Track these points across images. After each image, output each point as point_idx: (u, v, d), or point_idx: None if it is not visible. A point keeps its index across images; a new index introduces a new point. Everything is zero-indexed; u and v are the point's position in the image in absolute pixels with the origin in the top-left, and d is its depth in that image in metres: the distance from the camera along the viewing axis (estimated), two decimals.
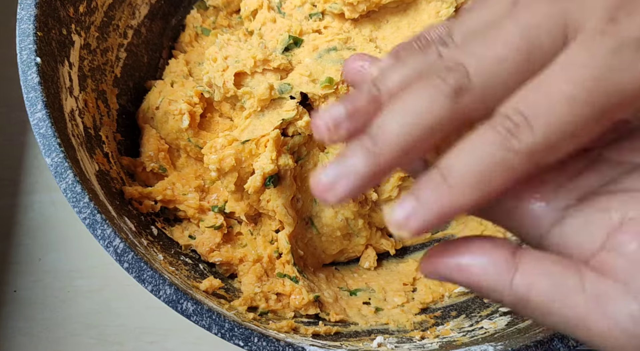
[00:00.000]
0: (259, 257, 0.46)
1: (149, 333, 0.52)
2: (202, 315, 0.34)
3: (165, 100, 0.50)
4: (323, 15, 0.50)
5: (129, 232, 0.39)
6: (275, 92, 0.45)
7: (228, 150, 0.44)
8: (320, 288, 0.47)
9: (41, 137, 0.36)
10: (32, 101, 0.37)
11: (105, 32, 0.48)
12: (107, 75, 0.49)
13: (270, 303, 0.44)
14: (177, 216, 0.49)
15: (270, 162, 0.43)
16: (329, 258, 0.51)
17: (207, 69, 0.47)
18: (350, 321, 0.46)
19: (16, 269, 0.55)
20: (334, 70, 0.45)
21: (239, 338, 0.34)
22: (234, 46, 0.47)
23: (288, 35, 0.48)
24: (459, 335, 0.42)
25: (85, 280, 0.54)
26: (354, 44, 0.48)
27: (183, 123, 0.48)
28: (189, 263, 0.45)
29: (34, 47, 0.38)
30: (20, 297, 0.54)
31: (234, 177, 0.44)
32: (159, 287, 0.35)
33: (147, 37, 0.55)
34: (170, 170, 0.50)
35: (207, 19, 0.58)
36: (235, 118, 0.50)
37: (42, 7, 0.40)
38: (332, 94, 0.45)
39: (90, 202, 0.35)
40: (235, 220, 0.50)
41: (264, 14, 0.50)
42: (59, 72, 0.41)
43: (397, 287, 0.49)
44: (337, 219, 0.48)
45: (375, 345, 0.41)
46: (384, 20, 0.49)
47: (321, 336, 0.42)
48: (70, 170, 0.36)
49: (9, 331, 0.52)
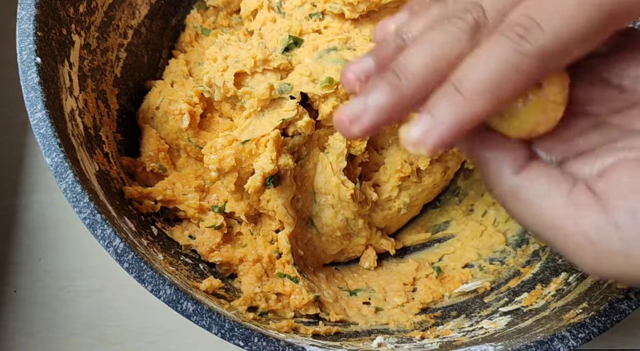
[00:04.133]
0: (259, 257, 0.46)
1: (149, 333, 0.52)
2: (202, 315, 0.34)
3: (165, 100, 0.50)
4: (323, 15, 0.50)
5: (129, 232, 0.39)
6: (275, 92, 0.45)
7: (228, 150, 0.44)
8: (320, 288, 0.47)
9: (41, 137, 0.36)
10: (32, 101, 0.37)
11: (105, 32, 0.48)
12: (107, 75, 0.49)
13: (270, 303, 0.44)
14: (177, 216, 0.49)
15: (270, 162, 0.43)
16: (329, 258, 0.51)
17: (207, 69, 0.47)
18: (350, 321, 0.46)
19: (16, 269, 0.55)
20: (334, 70, 0.45)
21: (239, 338, 0.34)
22: (234, 46, 0.47)
23: (288, 35, 0.48)
24: (459, 335, 0.42)
25: (85, 280, 0.54)
26: (354, 44, 0.48)
27: (183, 123, 0.48)
28: (189, 263, 0.45)
29: (34, 47, 0.38)
30: (20, 297, 0.54)
31: (234, 177, 0.44)
32: (159, 287, 0.35)
33: (147, 37, 0.55)
34: (170, 170, 0.50)
35: (207, 19, 0.58)
36: (235, 118, 0.50)
37: (42, 7, 0.40)
38: (332, 94, 0.45)
39: (90, 202, 0.35)
40: (235, 220, 0.49)
41: (264, 14, 0.50)
42: (59, 72, 0.41)
43: (397, 287, 0.49)
44: (337, 219, 0.48)
45: (375, 345, 0.41)
46: None
47: (321, 336, 0.42)
48: (70, 170, 0.36)
49: (9, 331, 0.52)
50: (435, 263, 0.51)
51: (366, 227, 0.50)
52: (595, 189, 0.24)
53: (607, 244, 0.23)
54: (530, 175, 0.25)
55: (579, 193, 0.24)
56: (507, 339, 0.37)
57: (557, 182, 0.25)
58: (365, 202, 0.48)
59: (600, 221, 0.23)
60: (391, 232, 0.54)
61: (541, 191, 0.25)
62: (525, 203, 0.25)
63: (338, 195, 0.46)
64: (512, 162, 0.25)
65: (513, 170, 0.25)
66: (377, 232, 0.51)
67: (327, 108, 0.45)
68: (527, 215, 0.25)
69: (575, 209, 0.24)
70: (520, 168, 0.25)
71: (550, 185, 0.25)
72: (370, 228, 0.50)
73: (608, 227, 0.23)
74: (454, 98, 0.23)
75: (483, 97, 0.23)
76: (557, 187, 0.25)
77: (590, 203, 0.24)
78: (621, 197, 0.23)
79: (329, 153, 0.47)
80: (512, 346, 0.35)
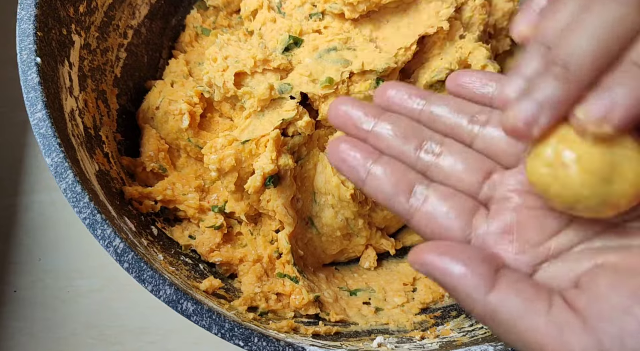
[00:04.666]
0: (259, 257, 0.46)
1: (149, 333, 0.52)
2: (202, 315, 0.34)
3: (165, 100, 0.50)
4: (323, 15, 0.50)
5: (129, 232, 0.39)
6: (275, 92, 0.45)
7: (228, 150, 0.44)
8: (320, 288, 0.47)
9: (41, 137, 0.36)
10: (32, 101, 0.37)
11: (105, 32, 0.48)
12: (107, 75, 0.49)
13: (270, 303, 0.44)
14: (177, 216, 0.49)
15: (270, 162, 0.43)
16: (329, 258, 0.51)
17: (207, 69, 0.47)
18: (350, 321, 0.46)
19: (16, 269, 0.55)
20: (334, 70, 0.45)
21: (239, 338, 0.34)
22: (234, 46, 0.47)
23: (288, 35, 0.48)
24: (459, 335, 0.42)
25: (85, 280, 0.54)
26: (354, 44, 0.48)
27: (183, 123, 0.48)
28: (189, 263, 0.45)
29: (34, 47, 0.38)
30: (20, 297, 0.54)
31: (234, 177, 0.44)
32: (159, 287, 0.35)
33: (147, 37, 0.55)
34: (170, 170, 0.50)
35: (207, 19, 0.58)
36: (235, 118, 0.50)
37: (42, 7, 0.40)
38: (332, 94, 0.45)
39: (90, 202, 0.35)
40: (235, 220, 0.49)
41: (264, 14, 0.50)
42: (59, 72, 0.41)
43: (397, 287, 0.49)
44: (337, 219, 0.48)
45: (375, 345, 0.41)
46: (384, 20, 0.49)
47: (321, 336, 0.42)
48: (70, 170, 0.36)
49: (9, 331, 0.52)
50: None
51: (366, 227, 0.50)
52: (575, 304, 0.23)
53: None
54: (502, 294, 0.24)
55: (559, 312, 0.23)
56: None
57: (533, 298, 0.23)
58: (365, 202, 0.48)
59: (588, 345, 0.22)
60: (391, 232, 0.54)
61: (518, 311, 0.23)
62: (506, 325, 0.24)
63: (338, 195, 0.46)
64: (478, 282, 0.24)
65: (483, 290, 0.24)
66: (377, 232, 0.51)
67: (327, 108, 0.45)
68: (509, 336, 0.24)
69: (558, 332, 0.22)
70: (490, 288, 0.24)
71: (526, 303, 0.23)
72: (370, 228, 0.50)
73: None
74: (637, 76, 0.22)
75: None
76: (533, 305, 0.23)
77: (574, 323, 0.22)
78: (606, 320, 0.22)
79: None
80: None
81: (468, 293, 0.24)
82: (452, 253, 0.25)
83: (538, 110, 0.23)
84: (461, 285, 0.24)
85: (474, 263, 0.24)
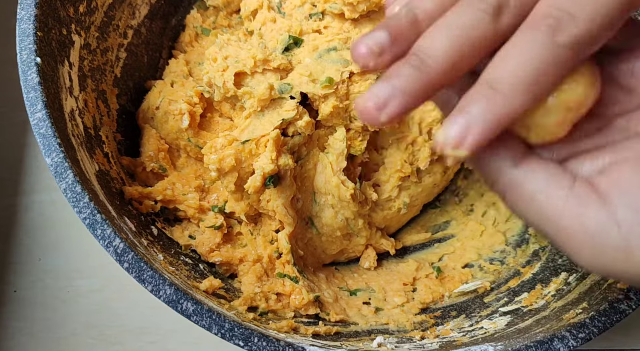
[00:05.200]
0: (259, 257, 0.46)
1: (149, 333, 0.52)
2: (202, 315, 0.34)
3: (165, 100, 0.50)
4: (323, 15, 0.50)
5: (129, 232, 0.39)
6: (275, 92, 0.45)
7: (228, 150, 0.44)
8: (320, 288, 0.47)
9: (41, 137, 0.36)
10: (32, 101, 0.37)
11: (105, 32, 0.48)
12: (107, 75, 0.49)
13: (270, 303, 0.44)
14: (177, 216, 0.49)
15: (270, 162, 0.43)
16: (329, 258, 0.51)
17: (207, 69, 0.47)
18: (350, 321, 0.46)
19: (16, 269, 0.55)
20: (334, 70, 0.45)
21: (239, 338, 0.34)
22: (234, 46, 0.47)
23: (288, 35, 0.48)
24: (459, 335, 0.42)
25: (85, 280, 0.54)
26: None
27: (183, 123, 0.48)
28: (189, 263, 0.45)
29: (34, 47, 0.38)
30: (20, 297, 0.54)
31: (234, 177, 0.44)
32: (159, 287, 0.35)
33: (147, 37, 0.55)
34: (170, 170, 0.50)
35: (207, 19, 0.58)
36: (235, 118, 0.50)
37: (42, 7, 0.40)
38: (332, 94, 0.45)
39: (90, 202, 0.35)
40: (235, 220, 0.50)
41: (264, 14, 0.50)
42: (59, 72, 0.41)
43: (397, 287, 0.49)
44: (337, 219, 0.48)
45: (375, 345, 0.41)
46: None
47: (321, 336, 0.42)
48: (70, 170, 0.36)
49: (9, 331, 0.52)
50: (435, 263, 0.51)
51: (366, 227, 0.50)
52: (597, 186, 0.24)
53: (607, 240, 0.23)
54: (530, 168, 0.25)
55: (580, 188, 0.24)
56: (507, 339, 0.37)
57: (558, 175, 0.24)
58: (365, 202, 0.48)
59: (601, 217, 0.23)
60: (391, 232, 0.54)
61: (542, 184, 0.24)
62: (526, 197, 0.25)
63: (338, 195, 0.46)
64: (510, 155, 0.25)
65: (512, 163, 0.25)
66: (377, 232, 0.51)
67: (327, 108, 0.45)
68: (527, 209, 0.25)
69: (576, 204, 0.23)
70: (520, 161, 0.25)
71: (551, 178, 0.24)
72: (370, 228, 0.50)
73: (609, 223, 0.23)
74: (491, 96, 0.22)
75: (521, 94, 0.22)
76: (557, 180, 0.24)
77: (592, 198, 0.23)
78: (623, 194, 0.23)
79: (329, 153, 0.47)
80: (512, 346, 0.35)
81: (497, 161, 0.25)
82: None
83: (390, 96, 0.24)
84: (493, 153, 0.25)
85: (505, 136, 0.25)
